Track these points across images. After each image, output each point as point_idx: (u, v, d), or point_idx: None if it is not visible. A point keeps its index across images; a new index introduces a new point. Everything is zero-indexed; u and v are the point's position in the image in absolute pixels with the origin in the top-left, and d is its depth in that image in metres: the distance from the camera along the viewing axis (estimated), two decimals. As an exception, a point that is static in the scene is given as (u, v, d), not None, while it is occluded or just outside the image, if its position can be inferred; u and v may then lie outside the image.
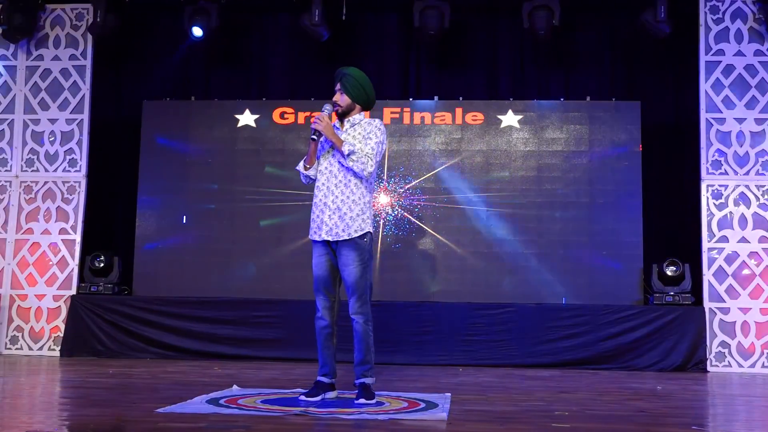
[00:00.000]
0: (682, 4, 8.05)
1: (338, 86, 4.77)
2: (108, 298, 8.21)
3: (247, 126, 8.60)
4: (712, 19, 8.15)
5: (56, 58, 8.71)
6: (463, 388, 5.61)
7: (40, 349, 8.32)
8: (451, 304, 8.02)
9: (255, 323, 8.01)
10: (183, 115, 8.74)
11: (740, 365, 7.77)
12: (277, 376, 6.30)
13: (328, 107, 4.74)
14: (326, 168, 4.73)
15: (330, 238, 4.61)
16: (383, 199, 8.45)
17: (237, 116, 8.59)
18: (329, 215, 4.62)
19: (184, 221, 8.57)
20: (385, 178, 8.51)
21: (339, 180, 4.67)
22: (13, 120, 8.68)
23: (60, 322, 8.34)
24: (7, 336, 8.39)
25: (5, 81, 8.73)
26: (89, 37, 8.62)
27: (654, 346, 7.69)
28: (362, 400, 4.41)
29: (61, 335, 8.27)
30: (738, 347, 7.80)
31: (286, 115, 8.60)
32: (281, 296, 8.22)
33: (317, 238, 4.67)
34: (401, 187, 8.44)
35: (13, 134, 8.66)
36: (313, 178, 4.79)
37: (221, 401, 4.44)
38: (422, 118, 8.52)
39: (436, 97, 8.59)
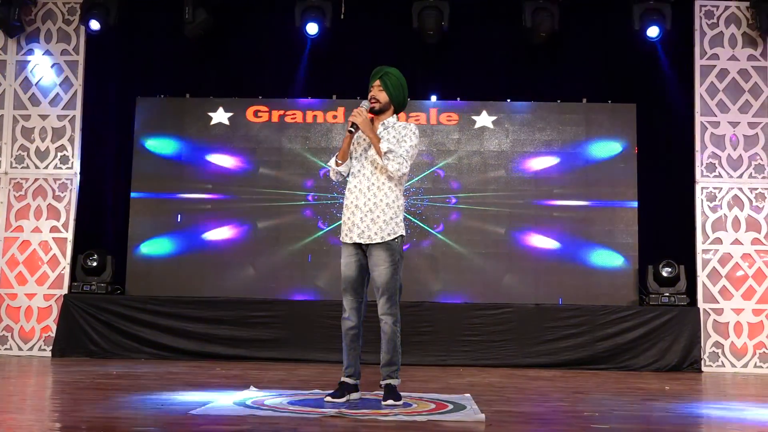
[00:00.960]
0: (678, 8, 8.14)
1: (377, 83, 4.72)
2: (101, 298, 8.08)
3: (233, 123, 8.54)
4: (707, 23, 8.27)
5: (48, 53, 8.55)
6: (477, 389, 5.60)
7: (31, 349, 8.16)
8: (451, 305, 8.04)
9: (251, 323, 7.93)
10: (177, 113, 8.64)
11: (733, 365, 7.89)
12: (285, 377, 6.24)
13: (365, 103, 4.67)
14: (358, 170, 4.68)
15: (363, 241, 4.57)
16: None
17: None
18: (361, 217, 4.59)
19: (179, 220, 8.47)
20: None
21: (371, 182, 4.63)
22: (2, 116, 8.50)
23: (51, 322, 8.18)
24: (-5, 336, 8.23)
25: (-6, 76, 8.56)
26: (82, 32, 8.48)
27: (650, 346, 7.77)
28: (390, 401, 4.38)
29: (53, 335, 8.13)
30: (731, 347, 7.92)
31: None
32: (278, 296, 8.18)
33: (348, 241, 4.62)
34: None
35: (2, 130, 8.48)
36: (345, 175, 4.73)
37: (248, 402, 4.39)
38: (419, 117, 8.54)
39: (433, 97, 8.62)
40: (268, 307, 7.99)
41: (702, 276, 8.01)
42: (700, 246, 8.05)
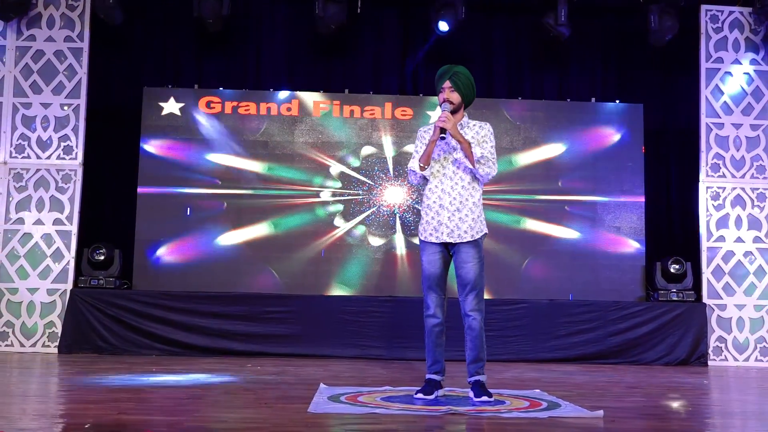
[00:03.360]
0: (685, 11, 8.34)
1: (447, 84, 4.71)
2: (110, 293, 7.86)
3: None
4: (712, 27, 8.50)
5: (50, 39, 8.25)
6: (528, 384, 5.66)
7: (33, 345, 7.89)
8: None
9: (266, 319, 7.84)
10: (186, 103, 8.46)
11: (735, 359, 8.16)
12: (318, 372, 6.19)
13: (446, 106, 4.67)
14: (438, 170, 4.68)
15: (452, 240, 4.59)
16: (399, 196, 8.46)
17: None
18: (448, 217, 4.60)
19: (189, 213, 8.30)
20: (392, 174, 8.51)
21: (455, 182, 4.65)
22: (1, 102, 8.18)
23: (55, 317, 7.93)
24: (-5, 332, 7.93)
25: (-7, 61, 8.23)
26: (87, 19, 8.22)
27: (660, 341, 7.97)
28: (484, 398, 4.40)
29: (57, 331, 7.88)
30: (734, 342, 8.19)
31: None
32: (293, 291, 8.11)
33: (435, 240, 4.63)
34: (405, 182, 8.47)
35: (1, 118, 8.16)
36: (428, 178, 4.73)
37: (342, 398, 4.36)
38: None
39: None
40: (283, 303, 7.90)
41: (707, 273, 8.25)
42: (704, 244, 8.29)
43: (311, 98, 8.52)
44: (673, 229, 8.54)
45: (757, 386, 6.44)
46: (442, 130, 4.57)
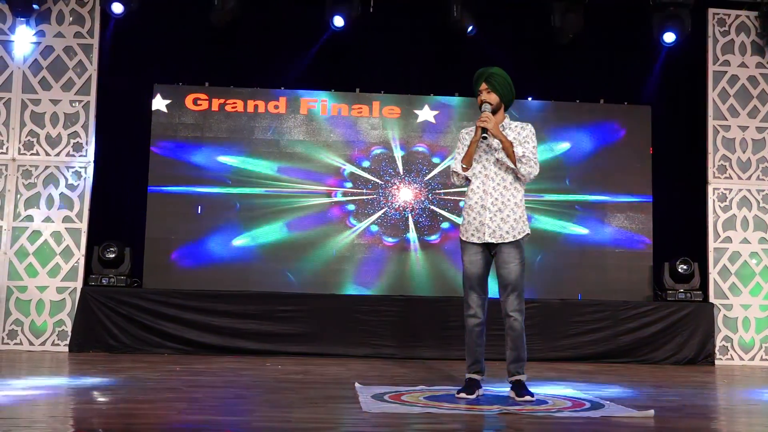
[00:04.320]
0: (693, 15, 8.44)
1: (483, 86, 4.75)
2: (122, 291, 7.80)
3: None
4: (719, 31, 8.61)
5: (59, 34, 8.17)
6: (557, 382, 5.71)
7: (43, 344, 7.82)
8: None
9: (279, 318, 7.82)
10: (197, 100, 8.41)
11: (741, 358, 8.28)
12: (343, 372, 6.20)
13: (487, 106, 4.70)
14: (479, 171, 4.71)
15: (494, 240, 4.62)
16: (408, 194, 8.49)
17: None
18: (490, 217, 4.63)
19: (200, 212, 8.26)
20: (401, 172, 8.53)
21: (496, 183, 4.68)
22: (9, 99, 8.09)
23: (65, 316, 7.86)
24: (4, 330, 7.83)
25: (1, 57, 8.12)
26: (97, 15, 8.15)
27: (668, 340, 8.06)
28: (527, 397, 4.43)
29: (66, 329, 7.81)
30: (740, 341, 8.31)
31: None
32: (306, 290, 8.10)
33: (477, 240, 4.65)
34: (420, 180, 8.49)
35: (9, 114, 8.07)
36: (470, 179, 4.75)
37: (386, 397, 4.37)
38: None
39: (456, 93, 8.69)
40: (296, 302, 7.88)
41: (713, 273, 8.36)
42: (711, 244, 8.40)
43: (322, 97, 8.52)
44: (680, 230, 8.63)
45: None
46: (483, 130, 4.60)
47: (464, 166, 4.72)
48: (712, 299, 8.30)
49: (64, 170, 8.05)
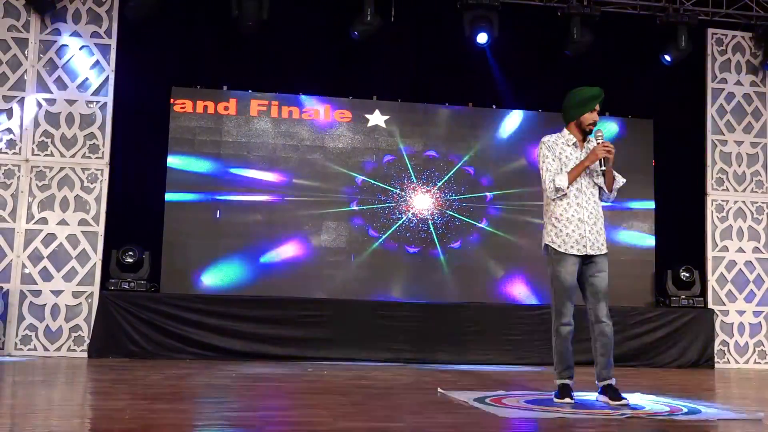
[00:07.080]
0: (693, 34, 8.82)
1: (597, 107, 4.94)
2: (143, 296, 7.70)
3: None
4: (717, 50, 9.04)
5: (76, 34, 8.02)
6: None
7: (58, 349, 7.64)
8: (491, 305, 8.34)
9: (301, 323, 7.84)
10: (213, 104, 8.37)
11: (737, 361, 8.71)
12: (397, 378, 6.25)
13: (600, 134, 4.86)
14: (572, 184, 4.84)
15: (594, 252, 4.81)
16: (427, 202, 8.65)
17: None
18: (588, 230, 4.81)
19: (218, 216, 8.22)
20: (414, 179, 8.67)
21: (588, 197, 4.87)
22: (23, 98, 7.89)
23: (81, 321, 7.71)
24: (17, 336, 7.62)
25: (14, 54, 7.91)
26: (115, 15, 8.03)
27: (672, 345, 8.42)
28: (624, 401, 4.60)
29: (83, 335, 7.66)
30: (735, 345, 8.73)
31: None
32: (328, 296, 8.16)
33: (577, 253, 4.80)
34: (431, 187, 8.65)
35: (23, 114, 7.87)
36: (566, 192, 4.86)
37: (487, 401, 4.50)
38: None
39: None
40: (317, 307, 7.92)
41: (711, 280, 8.77)
42: (710, 253, 8.80)
43: (341, 103, 8.59)
44: (680, 239, 9.00)
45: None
46: (607, 159, 4.76)
47: (569, 186, 4.81)
48: (710, 305, 8.70)
49: (80, 172, 7.89)
